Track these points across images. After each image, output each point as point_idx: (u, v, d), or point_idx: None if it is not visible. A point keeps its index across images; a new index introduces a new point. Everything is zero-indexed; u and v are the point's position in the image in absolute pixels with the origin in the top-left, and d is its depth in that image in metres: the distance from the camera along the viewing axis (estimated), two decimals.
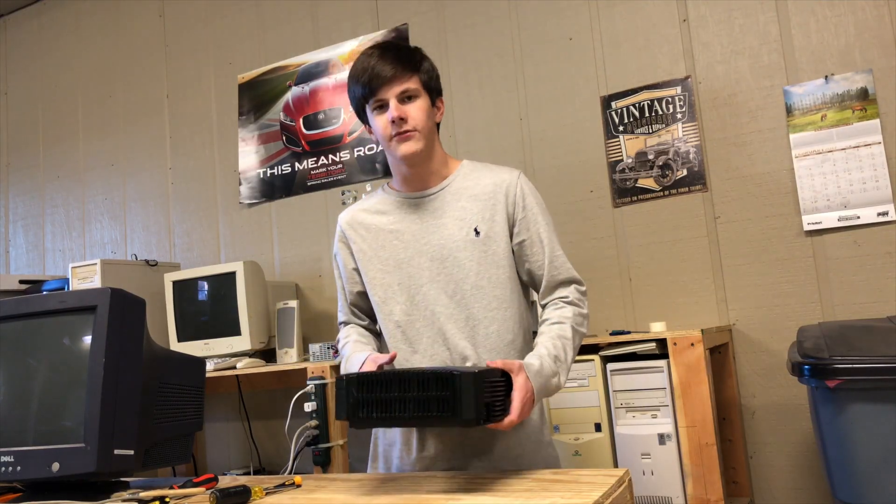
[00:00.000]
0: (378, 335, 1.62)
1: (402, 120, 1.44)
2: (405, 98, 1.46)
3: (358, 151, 3.04)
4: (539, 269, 1.51)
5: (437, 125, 1.55)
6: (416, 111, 1.46)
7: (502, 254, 1.49)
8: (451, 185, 1.53)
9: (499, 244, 1.49)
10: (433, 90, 1.52)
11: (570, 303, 1.49)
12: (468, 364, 1.45)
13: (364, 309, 1.62)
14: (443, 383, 1.15)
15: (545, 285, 1.51)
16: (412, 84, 1.46)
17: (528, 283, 1.56)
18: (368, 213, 1.58)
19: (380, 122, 1.47)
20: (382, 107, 1.47)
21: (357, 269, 1.58)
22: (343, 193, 3.05)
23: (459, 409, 1.13)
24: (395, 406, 1.17)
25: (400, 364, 1.49)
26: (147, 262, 2.99)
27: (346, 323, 1.64)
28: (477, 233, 1.49)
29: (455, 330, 1.46)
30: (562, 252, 1.52)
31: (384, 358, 1.40)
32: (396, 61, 1.45)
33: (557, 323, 1.46)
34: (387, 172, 2.92)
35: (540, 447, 1.52)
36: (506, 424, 1.24)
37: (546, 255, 1.50)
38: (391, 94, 1.45)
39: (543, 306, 1.53)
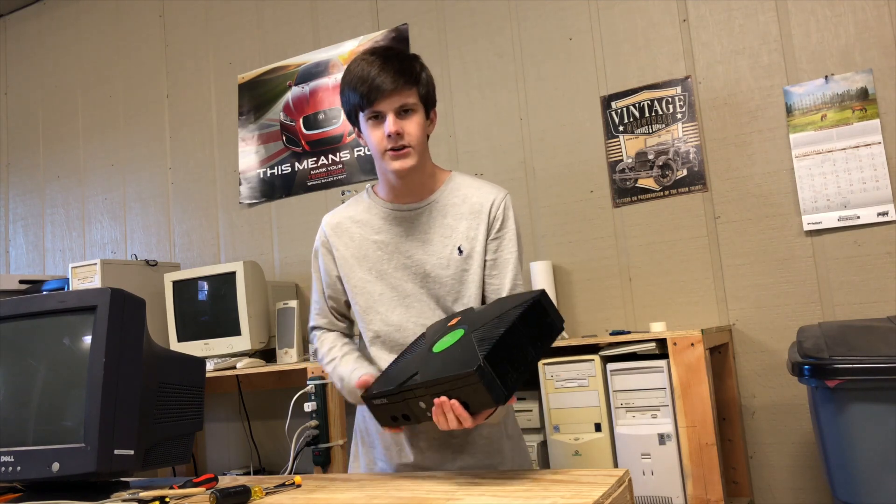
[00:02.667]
0: (351, 338, 1.63)
1: (398, 135, 1.41)
2: (402, 112, 1.42)
3: (358, 151, 3.04)
4: (493, 294, 1.50)
5: (427, 136, 1.53)
6: (413, 127, 1.43)
7: (479, 272, 1.50)
8: (438, 201, 1.53)
9: (478, 262, 1.49)
10: (429, 102, 1.49)
11: None
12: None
13: (345, 312, 1.62)
14: (537, 308, 1.23)
15: None
16: (411, 98, 1.43)
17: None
18: (353, 221, 1.57)
19: (375, 134, 1.44)
20: (377, 118, 1.43)
21: (340, 277, 1.57)
22: (343, 193, 3.05)
23: (556, 320, 1.26)
24: (522, 355, 1.19)
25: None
26: (147, 262, 2.99)
27: (321, 328, 1.63)
28: (460, 251, 1.49)
29: None
30: (521, 283, 1.52)
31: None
32: (398, 73, 1.40)
33: None
34: None
35: (516, 445, 1.56)
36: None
37: (507, 284, 1.50)
38: (389, 107, 1.41)
39: None
